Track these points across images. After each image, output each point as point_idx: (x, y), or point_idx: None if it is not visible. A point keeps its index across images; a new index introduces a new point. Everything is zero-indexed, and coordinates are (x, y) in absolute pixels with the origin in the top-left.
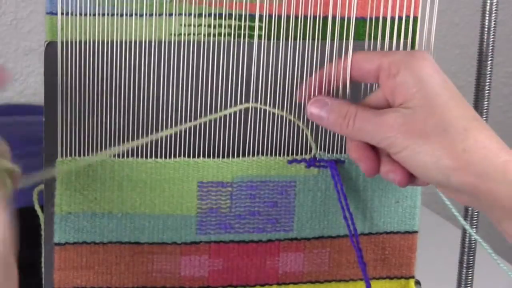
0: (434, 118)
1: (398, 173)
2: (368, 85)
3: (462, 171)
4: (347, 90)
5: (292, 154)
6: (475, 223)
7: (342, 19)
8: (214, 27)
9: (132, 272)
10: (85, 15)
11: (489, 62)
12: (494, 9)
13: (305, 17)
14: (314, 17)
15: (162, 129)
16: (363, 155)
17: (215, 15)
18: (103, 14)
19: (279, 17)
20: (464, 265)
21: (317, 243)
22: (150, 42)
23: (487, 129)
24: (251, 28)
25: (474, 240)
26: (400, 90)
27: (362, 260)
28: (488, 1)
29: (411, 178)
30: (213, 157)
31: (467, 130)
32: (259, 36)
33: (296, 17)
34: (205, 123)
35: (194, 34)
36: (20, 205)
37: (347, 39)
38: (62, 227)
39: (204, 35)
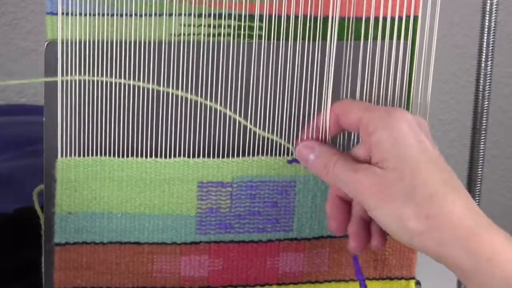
0: (403, 182)
1: (354, 239)
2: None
3: (425, 236)
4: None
5: (292, 154)
6: None
7: (342, 19)
8: (214, 27)
9: (132, 272)
10: (86, 15)
11: (489, 62)
12: (494, 9)
13: (305, 17)
14: (315, 17)
15: (162, 129)
16: (335, 213)
17: (215, 15)
18: (103, 14)
19: (279, 17)
20: None
21: (316, 243)
22: (150, 42)
23: (456, 192)
24: (251, 28)
25: None
26: (375, 149)
27: (356, 261)
28: (488, 1)
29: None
30: (213, 157)
31: (432, 196)
32: (259, 36)
33: (296, 17)
34: (204, 123)
35: (194, 34)
36: (20, 205)
37: (347, 39)
38: (62, 227)
39: (204, 35)
